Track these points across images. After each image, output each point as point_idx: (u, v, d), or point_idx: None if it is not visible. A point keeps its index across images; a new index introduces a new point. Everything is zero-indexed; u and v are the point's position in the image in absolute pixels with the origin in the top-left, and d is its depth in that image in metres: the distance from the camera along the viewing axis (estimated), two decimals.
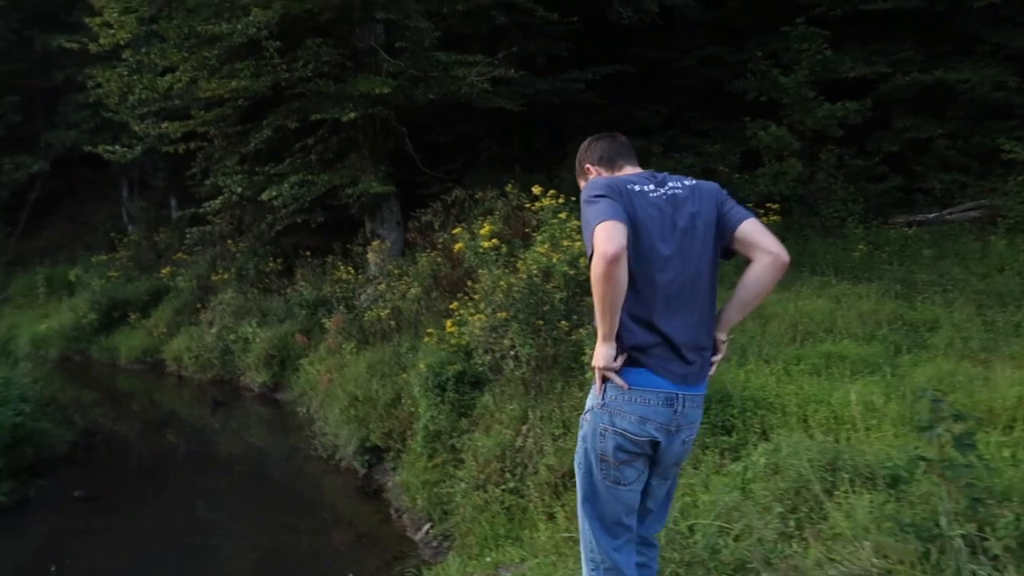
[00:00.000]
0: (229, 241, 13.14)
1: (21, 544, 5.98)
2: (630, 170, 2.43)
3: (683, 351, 2.22)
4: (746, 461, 3.37)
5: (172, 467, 8.11)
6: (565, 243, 5.84)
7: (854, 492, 2.89)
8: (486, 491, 4.71)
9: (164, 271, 13.94)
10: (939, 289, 6.92)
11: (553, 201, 6.18)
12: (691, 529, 3.06)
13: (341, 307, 9.39)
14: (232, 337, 10.94)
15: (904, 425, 3.69)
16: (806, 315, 6.18)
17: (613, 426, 2.23)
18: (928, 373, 4.62)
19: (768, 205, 9.52)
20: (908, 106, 10.76)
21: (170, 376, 11.78)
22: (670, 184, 2.32)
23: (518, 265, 5.86)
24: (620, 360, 2.19)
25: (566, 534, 4.12)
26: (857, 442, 3.58)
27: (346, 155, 11.00)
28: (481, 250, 6.19)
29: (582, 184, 2.48)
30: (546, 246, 5.78)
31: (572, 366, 5.19)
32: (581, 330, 5.05)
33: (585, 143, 2.57)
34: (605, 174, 2.42)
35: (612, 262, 1.98)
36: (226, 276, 12.40)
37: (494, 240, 6.23)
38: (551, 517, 4.33)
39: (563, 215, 5.99)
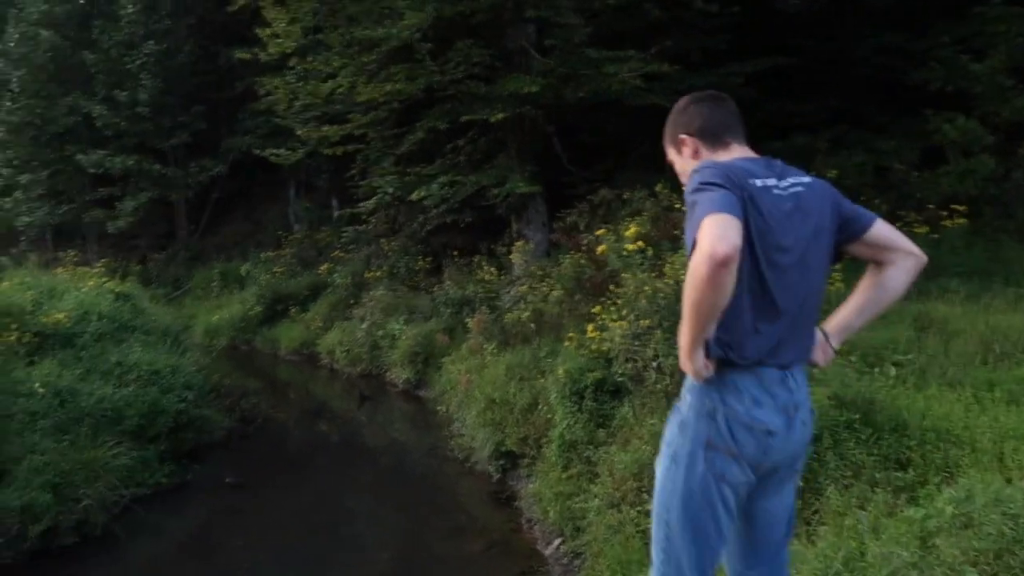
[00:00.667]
0: (383, 240, 13.57)
1: (178, 525, 6.33)
2: (738, 150, 2.02)
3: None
4: (927, 507, 2.85)
5: (319, 457, 8.39)
6: None
7: None
8: (620, 510, 4.40)
9: (323, 268, 14.64)
10: None
11: None
12: None
13: (484, 307, 9.36)
14: (380, 333, 11.23)
15: None
16: (999, 332, 5.35)
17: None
18: None
19: (953, 207, 8.52)
20: None
21: (323, 368, 12.29)
22: (791, 179, 1.96)
23: (664, 269, 5.49)
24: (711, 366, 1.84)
25: None
26: None
27: (494, 155, 11.01)
28: (626, 252, 5.86)
29: (673, 157, 2.12)
30: None
31: None
32: None
33: (682, 104, 2.11)
34: (705, 151, 2.02)
35: (722, 265, 1.60)
36: (379, 274, 12.79)
37: (640, 242, 5.88)
38: None
39: None
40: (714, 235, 1.63)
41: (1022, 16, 9.14)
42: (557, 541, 5.07)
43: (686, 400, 1.92)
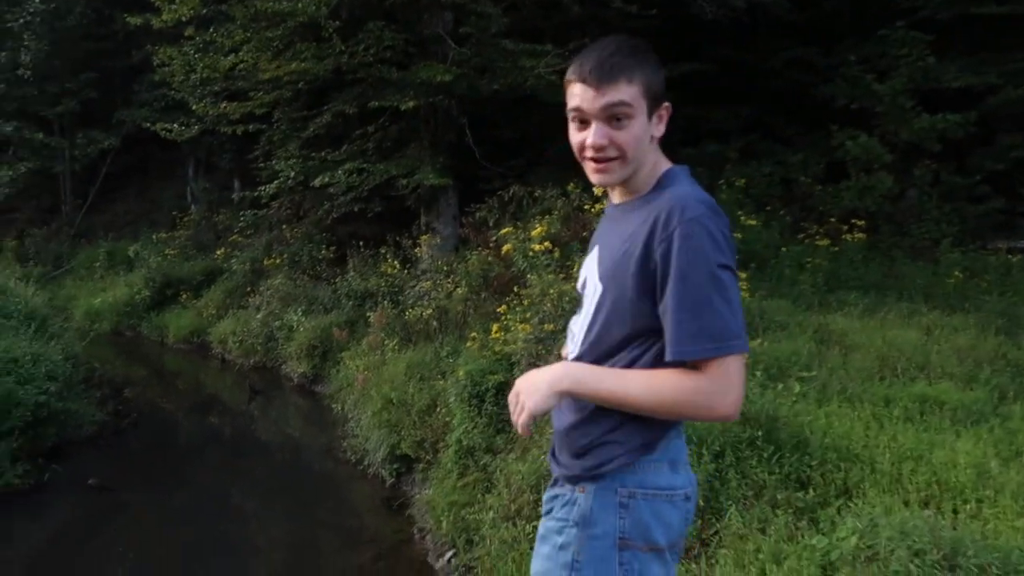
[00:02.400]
0: (285, 226, 12.96)
1: (29, 530, 5.70)
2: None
3: None
4: (830, 536, 2.72)
5: (203, 456, 7.83)
6: None
7: None
8: (516, 524, 4.16)
9: (219, 252, 13.88)
10: None
11: None
12: None
13: (387, 302, 8.99)
14: (277, 324, 10.68)
15: None
16: (895, 347, 5.43)
17: None
18: None
19: (853, 221, 8.77)
20: (1017, 122, 9.75)
21: (214, 359, 11.61)
22: None
23: (573, 272, 5.30)
24: None
25: None
26: (967, 517, 2.91)
27: (405, 145, 10.63)
28: (531, 253, 5.64)
29: (638, 114, 1.56)
30: None
31: None
32: None
33: (656, 58, 1.63)
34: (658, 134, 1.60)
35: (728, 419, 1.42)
36: (278, 261, 12.20)
37: (546, 243, 5.67)
38: None
39: None
40: (741, 391, 1.42)
41: (923, 41, 9.47)
42: (449, 554, 4.79)
43: (583, 486, 1.56)
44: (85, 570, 5.12)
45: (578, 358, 1.62)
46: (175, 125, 11.61)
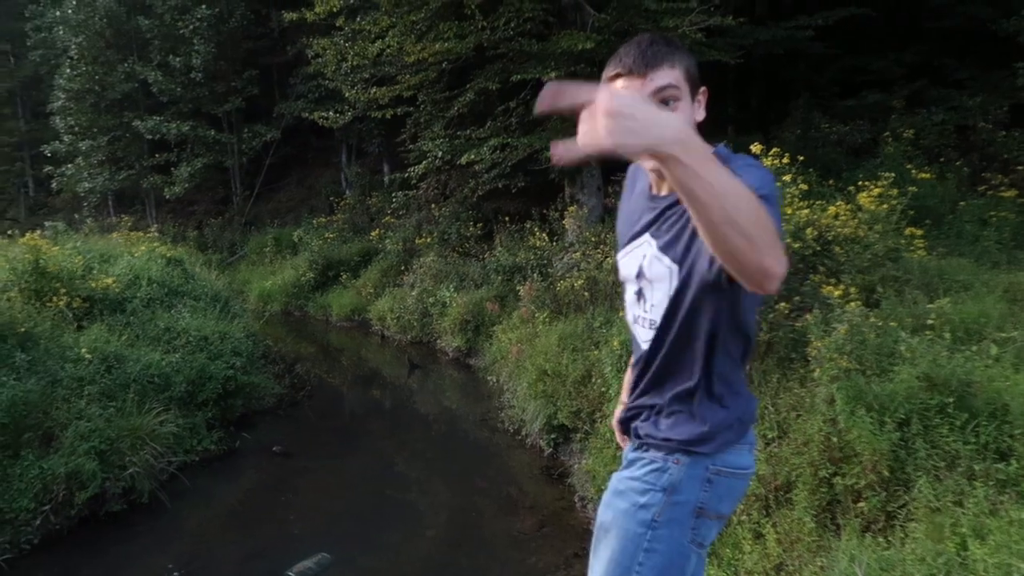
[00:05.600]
0: (433, 206, 13.36)
1: (225, 493, 6.27)
2: None
3: None
4: None
5: (369, 426, 8.29)
6: (788, 211, 5.00)
7: None
8: None
9: (374, 234, 14.52)
10: None
11: (776, 162, 5.32)
12: None
13: (536, 275, 9.07)
14: (431, 300, 11.06)
15: None
16: None
17: None
18: None
19: None
20: None
21: (374, 335, 12.21)
22: None
23: None
24: None
25: (776, 561, 3.43)
26: None
27: (547, 118, 10.62)
28: None
29: (684, 102, 1.59)
30: None
31: (792, 356, 4.39)
32: (808, 316, 4.23)
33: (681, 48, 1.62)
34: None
35: (776, 279, 1.22)
36: (429, 240, 12.61)
37: None
38: (758, 537, 3.64)
39: (787, 177, 5.13)
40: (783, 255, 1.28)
41: None
42: None
43: (678, 458, 1.64)
44: (275, 526, 5.58)
45: (657, 340, 1.66)
46: (330, 113, 12.20)
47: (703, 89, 1.65)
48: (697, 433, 1.62)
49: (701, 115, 1.65)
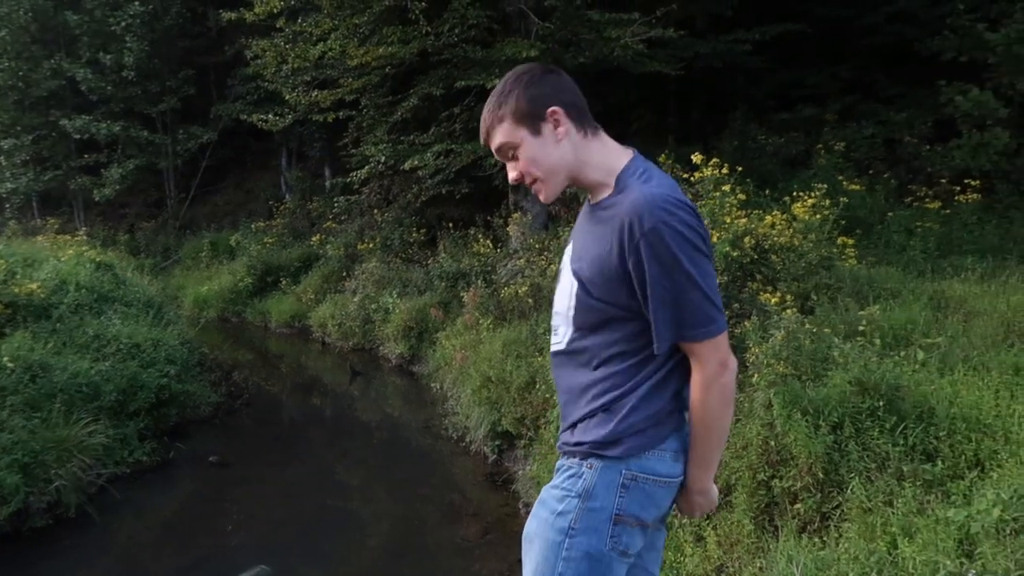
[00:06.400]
0: (376, 211, 13.24)
1: (158, 505, 6.07)
2: (610, 140, 1.73)
3: None
4: (967, 508, 2.58)
5: (309, 433, 8.14)
6: (727, 220, 5.12)
7: None
8: None
9: (315, 239, 14.30)
10: None
11: (715, 171, 5.45)
12: None
13: (480, 281, 9.07)
14: (373, 307, 10.95)
15: None
16: (1021, 313, 5.10)
17: None
18: None
19: (966, 181, 8.26)
20: None
21: (315, 342, 12.01)
22: None
23: None
24: None
25: (717, 563, 3.49)
26: None
27: None
28: None
29: (522, 138, 1.67)
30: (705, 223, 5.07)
31: None
32: (746, 323, 4.34)
33: (536, 72, 1.70)
34: (576, 134, 1.68)
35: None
36: (371, 245, 12.48)
37: None
38: (699, 539, 3.71)
39: (726, 187, 5.25)
40: (727, 349, 1.61)
41: None
42: None
43: (591, 462, 1.66)
44: (212, 538, 5.41)
45: (570, 340, 1.73)
46: (269, 116, 11.98)
47: (551, 110, 1.65)
48: (603, 435, 1.63)
49: (563, 132, 1.66)
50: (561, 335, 1.75)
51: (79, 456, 5.62)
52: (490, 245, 9.83)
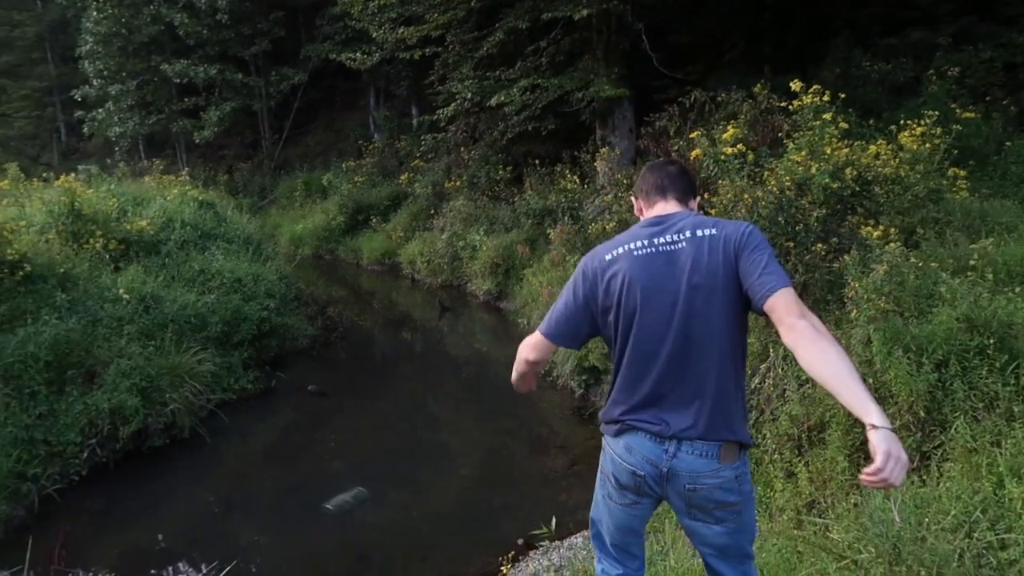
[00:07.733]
0: (462, 149, 13.25)
1: (262, 430, 6.44)
2: (659, 208, 2.21)
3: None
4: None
5: (401, 366, 8.41)
6: (827, 151, 4.88)
7: None
8: None
9: (403, 177, 14.49)
10: None
11: (815, 99, 5.17)
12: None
13: (566, 218, 9.01)
14: (461, 244, 11.07)
15: None
16: None
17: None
18: None
19: None
20: None
21: (404, 278, 12.29)
22: (672, 235, 2.06)
23: (766, 176, 5.01)
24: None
25: (808, 499, 3.45)
26: None
27: (578, 58, 10.41)
28: (723, 157, 5.37)
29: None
30: (803, 154, 4.86)
31: (828, 298, 4.34)
32: (845, 256, 4.16)
33: (644, 168, 2.37)
34: (644, 208, 2.26)
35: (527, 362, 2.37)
36: (458, 183, 12.55)
37: (739, 146, 5.37)
38: (790, 476, 3.66)
39: (827, 116, 4.99)
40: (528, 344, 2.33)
41: None
42: None
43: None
44: (311, 462, 5.73)
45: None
46: (357, 54, 12.07)
47: (633, 196, 2.37)
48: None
49: (636, 211, 2.31)
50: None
51: (190, 382, 5.99)
52: (577, 181, 9.71)
